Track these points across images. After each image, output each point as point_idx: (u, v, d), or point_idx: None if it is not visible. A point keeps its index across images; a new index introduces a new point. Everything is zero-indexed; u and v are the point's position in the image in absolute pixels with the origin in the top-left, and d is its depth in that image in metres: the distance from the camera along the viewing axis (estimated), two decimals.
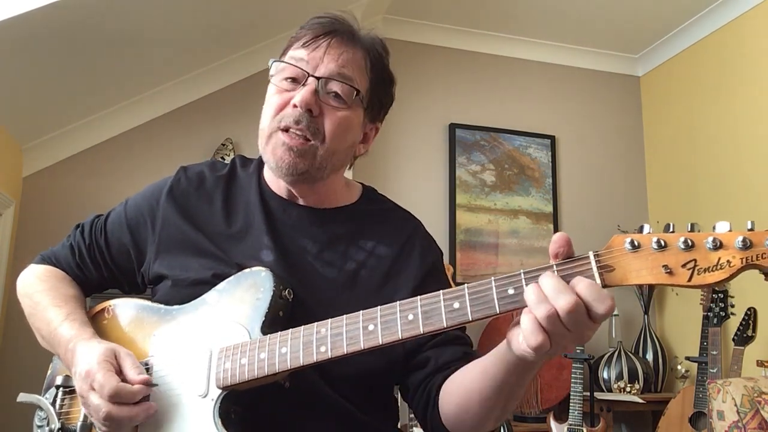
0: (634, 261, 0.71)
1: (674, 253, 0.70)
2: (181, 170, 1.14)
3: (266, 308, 0.92)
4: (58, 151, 3.12)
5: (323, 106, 1.00)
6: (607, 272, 0.72)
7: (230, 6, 2.89)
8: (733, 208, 3.35)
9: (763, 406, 2.08)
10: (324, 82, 1.00)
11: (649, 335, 3.58)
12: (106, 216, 1.16)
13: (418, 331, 0.79)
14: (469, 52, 3.91)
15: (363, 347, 0.82)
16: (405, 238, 1.10)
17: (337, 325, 0.84)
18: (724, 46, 3.53)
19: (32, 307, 1.09)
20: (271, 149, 1.01)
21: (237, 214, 1.08)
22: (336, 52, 1.02)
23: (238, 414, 0.91)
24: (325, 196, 1.09)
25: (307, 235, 1.06)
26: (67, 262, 1.14)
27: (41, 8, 2.17)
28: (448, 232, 3.63)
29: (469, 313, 0.77)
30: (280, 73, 1.04)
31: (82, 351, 0.94)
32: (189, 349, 0.95)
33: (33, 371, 1.45)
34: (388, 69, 1.10)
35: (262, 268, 0.96)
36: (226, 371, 0.89)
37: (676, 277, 0.69)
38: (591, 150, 4.01)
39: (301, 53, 1.02)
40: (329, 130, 1.01)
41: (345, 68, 1.01)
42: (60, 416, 1.04)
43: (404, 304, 0.81)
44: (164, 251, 1.06)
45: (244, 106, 3.27)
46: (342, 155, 1.06)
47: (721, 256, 0.68)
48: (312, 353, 0.84)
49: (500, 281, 0.76)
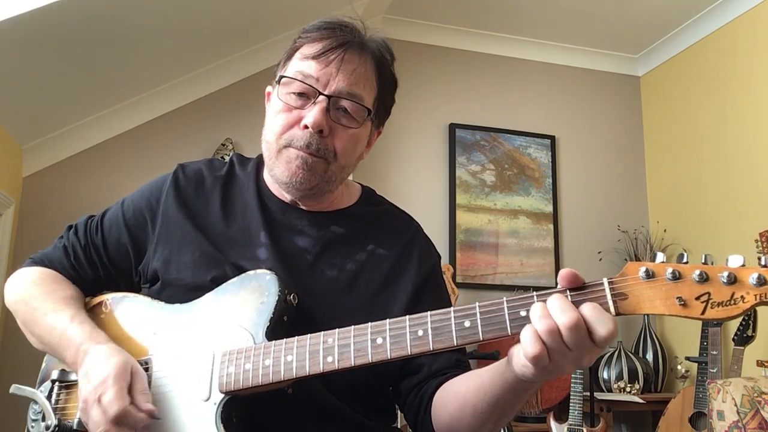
0: (648, 290, 0.71)
1: (688, 285, 0.70)
2: (179, 168, 1.12)
3: (271, 313, 0.91)
4: (58, 151, 3.12)
5: (333, 125, 0.99)
6: (620, 300, 0.72)
7: (230, 6, 2.89)
8: (734, 209, 3.35)
9: (763, 406, 2.08)
10: (335, 99, 0.99)
11: (649, 335, 3.57)
12: (101, 216, 1.14)
13: (428, 347, 0.79)
14: (469, 52, 3.90)
15: (371, 360, 0.81)
16: (404, 241, 1.09)
17: (345, 336, 0.83)
18: (724, 46, 3.53)
19: (29, 313, 1.05)
20: (284, 163, 1.00)
21: (235, 215, 1.07)
22: (349, 68, 0.99)
23: (240, 419, 0.90)
24: (328, 201, 1.09)
25: (307, 237, 1.05)
26: (60, 263, 1.11)
27: (41, 8, 2.16)
28: (448, 232, 3.63)
29: (480, 333, 0.77)
30: (288, 87, 1.02)
31: (97, 355, 0.92)
32: (190, 350, 0.94)
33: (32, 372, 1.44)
34: (393, 74, 1.09)
35: (267, 271, 0.95)
36: (230, 375, 0.88)
37: (690, 309, 0.70)
38: (591, 150, 4.01)
39: (311, 67, 0.99)
40: (340, 149, 1.00)
41: (355, 86, 1.00)
42: (56, 411, 1.02)
43: (414, 319, 0.81)
44: (163, 250, 1.05)
45: (244, 106, 3.27)
46: (350, 168, 1.06)
47: (735, 291, 0.68)
48: (319, 363, 0.84)
49: (513, 302, 0.76)
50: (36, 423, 1.03)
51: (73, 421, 0.97)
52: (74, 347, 0.96)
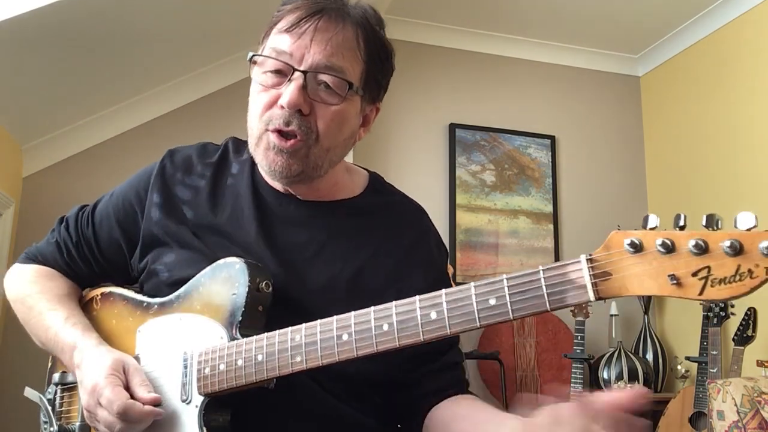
0: (636, 266, 0.60)
1: (683, 257, 0.57)
2: (167, 155, 1.06)
3: (243, 305, 0.86)
4: (58, 151, 3.12)
5: (314, 102, 0.90)
6: (602, 281, 0.61)
7: (230, 6, 2.89)
8: (734, 209, 3.32)
9: (763, 406, 2.08)
10: (312, 75, 0.90)
11: (649, 335, 3.57)
12: (92, 209, 1.09)
13: (395, 344, 0.74)
14: (470, 52, 3.90)
15: (338, 359, 0.77)
16: (413, 236, 1.02)
17: (311, 333, 0.79)
18: (724, 46, 3.52)
19: (26, 313, 1.04)
20: (262, 152, 0.93)
21: (224, 205, 1.00)
22: (324, 37, 0.89)
23: (224, 419, 0.87)
24: (325, 190, 1.01)
25: (305, 230, 0.98)
26: (54, 259, 1.08)
27: (41, 8, 2.16)
28: (448, 232, 3.62)
29: (448, 326, 0.70)
30: (262, 66, 0.94)
31: (89, 360, 0.90)
32: (169, 350, 0.91)
33: (32, 371, 1.44)
34: (383, 42, 0.98)
35: (236, 259, 0.89)
36: (206, 378, 0.86)
37: (685, 289, 0.57)
38: (591, 150, 4.00)
39: (284, 42, 0.91)
40: (323, 128, 0.91)
41: (334, 57, 0.90)
42: (60, 415, 1.02)
43: (379, 311, 0.76)
44: (148, 245, 1.01)
45: (244, 106, 3.21)
46: (340, 149, 0.97)
47: (740, 264, 0.54)
48: (288, 364, 0.80)
49: (480, 289, 0.69)
50: (46, 425, 1.03)
51: (75, 425, 0.96)
52: (68, 350, 0.95)
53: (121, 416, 0.83)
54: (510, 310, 0.67)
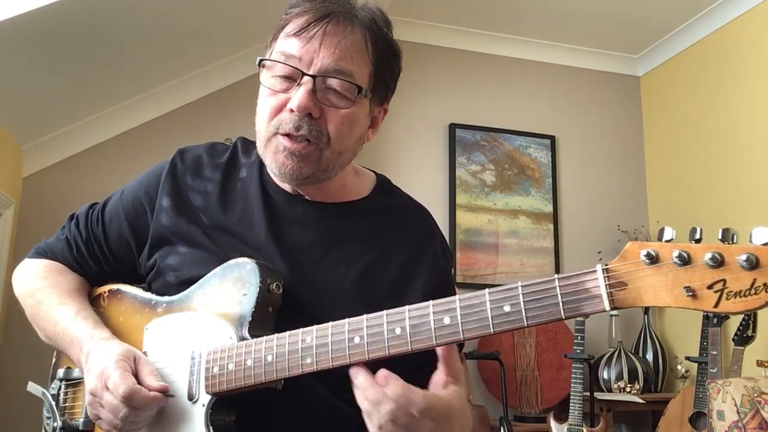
0: (651, 277, 0.60)
1: (699, 270, 0.58)
2: (177, 154, 1.06)
3: (253, 305, 0.87)
4: (58, 151, 3.12)
5: (323, 106, 0.91)
6: (618, 291, 0.62)
7: (230, 6, 2.89)
8: (734, 209, 3.34)
9: (763, 406, 2.08)
10: (321, 79, 0.90)
11: (649, 335, 3.58)
12: (102, 207, 1.10)
13: (407, 348, 0.74)
14: (469, 52, 3.90)
15: (350, 361, 0.77)
16: (419, 238, 1.03)
17: (322, 335, 0.79)
18: (724, 46, 3.53)
19: (34, 307, 1.04)
20: (272, 153, 0.93)
21: (234, 206, 1.01)
22: (332, 41, 0.90)
23: (231, 419, 0.87)
24: (334, 191, 1.02)
25: (314, 231, 0.98)
26: (64, 256, 1.08)
27: (42, 8, 2.16)
28: (448, 232, 3.62)
29: (461, 331, 0.71)
30: (271, 70, 0.94)
31: (99, 350, 0.90)
32: (177, 349, 0.92)
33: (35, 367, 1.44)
34: (391, 44, 0.98)
35: (247, 260, 0.90)
36: (215, 377, 0.86)
37: (700, 301, 0.58)
38: (591, 150, 4.01)
39: (293, 46, 0.91)
40: (333, 132, 0.92)
41: (343, 60, 0.90)
42: (64, 411, 1.02)
43: (392, 314, 0.76)
44: (157, 244, 1.01)
45: (244, 106, 3.22)
46: (350, 152, 0.97)
47: (756, 278, 0.55)
48: (298, 365, 0.80)
49: (495, 296, 0.70)
50: (49, 421, 1.03)
51: (79, 420, 0.96)
52: (78, 345, 0.95)
53: (126, 400, 0.82)
54: (524, 318, 0.68)
